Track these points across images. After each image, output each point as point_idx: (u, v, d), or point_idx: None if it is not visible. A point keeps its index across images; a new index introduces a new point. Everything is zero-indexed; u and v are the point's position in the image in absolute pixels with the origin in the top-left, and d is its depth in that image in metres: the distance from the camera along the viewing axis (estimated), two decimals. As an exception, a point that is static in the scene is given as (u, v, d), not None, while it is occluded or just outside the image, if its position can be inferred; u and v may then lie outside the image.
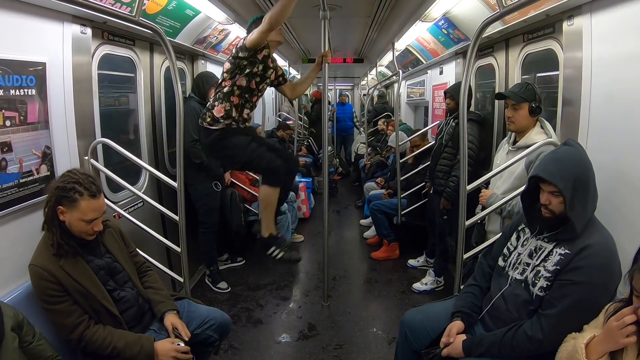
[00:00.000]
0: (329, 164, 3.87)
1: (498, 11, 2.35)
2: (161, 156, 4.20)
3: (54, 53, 2.58)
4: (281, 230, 3.98)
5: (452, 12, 3.97)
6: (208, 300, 4.19)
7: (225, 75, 3.05)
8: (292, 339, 3.58)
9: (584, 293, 1.82)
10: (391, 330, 3.66)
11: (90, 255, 2.23)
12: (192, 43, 4.27)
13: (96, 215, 2.13)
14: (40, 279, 2.02)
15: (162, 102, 4.17)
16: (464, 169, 2.81)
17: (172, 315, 2.43)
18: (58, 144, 2.62)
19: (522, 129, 2.88)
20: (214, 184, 4.31)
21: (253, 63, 3.01)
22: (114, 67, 3.51)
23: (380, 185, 6.27)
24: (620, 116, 2.28)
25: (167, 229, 3.99)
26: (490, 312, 2.22)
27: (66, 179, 2.10)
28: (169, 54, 2.77)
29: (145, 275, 2.59)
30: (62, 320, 2.07)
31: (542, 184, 2.01)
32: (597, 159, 2.05)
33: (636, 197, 2.16)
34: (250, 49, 2.92)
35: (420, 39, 5.48)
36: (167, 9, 3.37)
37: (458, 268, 2.93)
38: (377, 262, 5.28)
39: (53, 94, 2.55)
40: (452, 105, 4.15)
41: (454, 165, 4.01)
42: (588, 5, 2.50)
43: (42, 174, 2.49)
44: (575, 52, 2.66)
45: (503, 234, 2.44)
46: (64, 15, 2.63)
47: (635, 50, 2.18)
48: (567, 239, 1.94)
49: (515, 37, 3.69)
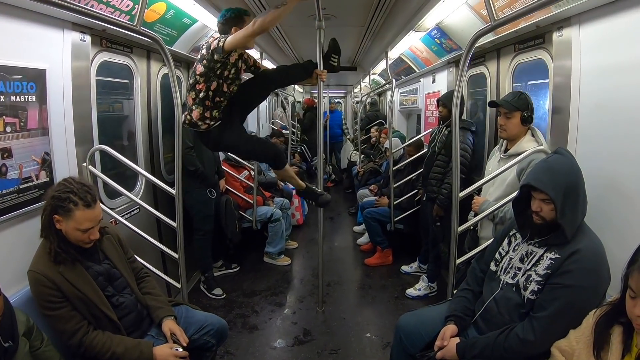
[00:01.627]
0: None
1: (490, 24, 2.40)
2: (157, 163, 4.22)
3: (54, 60, 2.61)
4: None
5: (444, 22, 4.02)
6: (203, 306, 4.13)
7: (199, 79, 2.94)
8: (287, 345, 3.60)
9: (574, 296, 1.87)
10: (385, 335, 3.68)
11: (89, 262, 2.24)
12: (189, 51, 4.29)
13: (92, 224, 2.14)
14: (39, 285, 2.03)
15: (158, 109, 4.18)
16: (457, 176, 2.86)
17: (170, 321, 2.44)
18: (57, 150, 2.64)
19: (513, 137, 2.93)
20: (209, 191, 4.34)
21: (225, 66, 2.93)
22: (112, 74, 3.53)
23: (374, 193, 6.29)
24: (608, 124, 2.34)
25: (163, 236, 3.99)
26: (483, 315, 2.26)
27: (61, 188, 2.11)
28: (168, 63, 2.79)
29: (143, 281, 2.60)
30: (62, 326, 2.08)
31: (534, 191, 2.05)
32: (586, 166, 2.09)
33: (624, 203, 2.21)
34: (227, 51, 2.81)
35: (413, 48, 5.52)
36: (165, 17, 3.40)
37: (451, 273, 2.96)
38: (371, 268, 5.30)
39: (53, 100, 2.58)
40: (444, 113, 4.19)
41: (446, 172, 4.05)
42: (577, 17, 2.56)
43: (42, 180, 2.51)
44: (564, 62, 2.72)
45: (495, 239, 2.48)
46: (64, 23, 2.67)
47: (622, 60, 2.25)
48: (557, 244, 1.99)
49: (507, 47, 3.75)
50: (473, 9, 3.43)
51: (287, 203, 6.12)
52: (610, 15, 2.29)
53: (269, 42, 6.07)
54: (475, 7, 3.37)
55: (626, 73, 2.21)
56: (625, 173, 2.20)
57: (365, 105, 10.13)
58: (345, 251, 6.05)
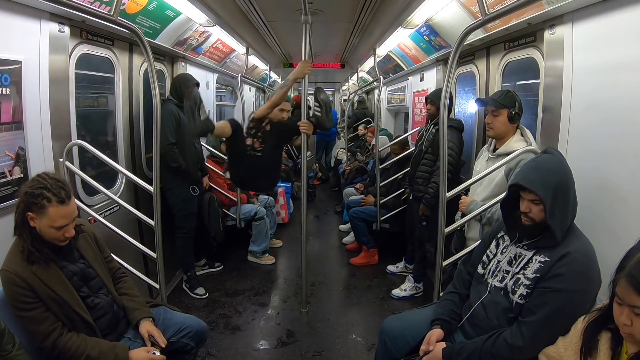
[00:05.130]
0: (308, 169, 3.84)
1: (480, 19, 2.36)
2: (139, 159, 4.13)
3: (30, 51, 2.52)
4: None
5: (434, 19, 3.99)
6: (185, 306, 4.12)
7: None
8: (270, 346, 3.54)
9: (564, 300, 1.82)
10: (370, 336, 3.63)
11: (63, 261, 2.16)
12: (173, 45, 4.20)
13: (66, 221, 2.06)
14: (12, 284, 1.96)
15: (140, 104, 4.09)
16: (444, 176, 2.82)
17: (147, 322, 2.37)
18: (32, 145, 2.56)
19: (501, 136, 2.90)
20: (192, 188, 4.25)
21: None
22: (92, 67, 3.43)
23: (360, 191, 6.26)
24: (600, 124, 2.31)
25: (144, 234, 3.91)
26: (470, 319, 2.21)
27: (35, 184, 2.03)
28: (147, 55, 2.72)
29: (120, 282, 2.53)
30: (35, 328, 2.00)
31: (523, 192, 2.01)
32: (577, 166, 2.07)
33: (616, 204, 2.18)
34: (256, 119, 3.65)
35: (401, 46, 5.50)
36: (148, 9, 3.31)
37: (437, 275, 2.93)
38: (356, 268, 5.27)
39: (28, 93, 2.49)
40: (432, 111, 4.17)
41: (433, 171, 4.01)
42: (570, 14, 2.52)
43: (15, 176, 2.43)
44: (556, 60, 2.69)
45: (482, 241, 2.43)
46: (41, 13, 2.57)
47: (615, 59, 2.21)
48: (547, 247, 1.95)
49: (497, 45, 3.73)
50: (463, 5, 3.39)
51: (272, 201, 6.07)
52: (604, 13, 2.25)
53: (255, 37, 6.01)
54: (466, 3, 3.33)
55: (619, 72, 2.18)
56: (618, 173, 2.17)
57: (352, 103, 10.10)
58: (330, 250, 6.01)
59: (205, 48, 5.11)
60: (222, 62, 6.06)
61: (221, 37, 5.07)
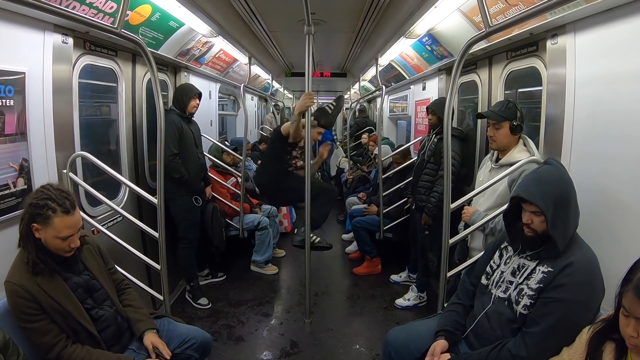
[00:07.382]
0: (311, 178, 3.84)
1: (484, 30, 2.36)
2: (142, 170, 4.13)
3: (34, 62, 2.53)
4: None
5: (436, 29, 4.00)
6: (188, 316, 4.12)
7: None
8: (274, 357, 3.52)
9: (568, 310, 1.82)
10: (374, 347, 3.62)
11: (67, 273, 2.17)
12: (175, 55, 4.22)
13: (71, 232, 2.07)
14: (16, 296, 1.96)
15: (143, 115, 4.10)
16: (448, 187, 2.80)
17: (151, 334, 2.38)
18: (36, 157, 2.56)
19: (504, 148, 2.90)
20: (194, 198, 4.26)
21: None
22: (95, 78, 3.45)
23: (362, 200, 6.25)
24: (603, 132, 2.32)
25: (147, 245, 3.89)
26: (474, 330, 2.21)
27: (39, 195, 2.04)
28: (150, 66, 2.72)
29: (124, 293, 2.53)
30: (39, 339, 2.01)
31: (524, 203, 2.02)
32: (581, 174, 2.08)
33: (621, 213, 2.17)
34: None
35: (403, 55, 5.51)
36: (151, 20, 3.33)
37: (442, 286, 2.91)
38: (360, 277, 5.25)
39: (32, 104, 2.49)
40: (434, 120, 4.17)
41: (435, 181, 4.01)
42: (572, 24, 2.53)
43: (19, 187, 2.42)
44: (558, 70, 2.69)
45: (485, 252, 2.44)
46: (45, 24, 2.58)
47: (618, 68, 2.22)
48: (549, 257, 1.95)
49: (499, 55, 3.73)
50: (465, 16, 3.39)
51: (275, 210, 6.06)
52: (606, 23, 2.26)
53: (257, 47, 6.03)
54: (468, 13, 3.33)
55: (621, 81, 2.18)
56: (621, 182, 2.17)
57: (354, 111, 10.10)
58: (333, 260, 5.97)
59: (208, 58, 5.14)
60: (225, 72, 6.08)
61: (224, 47, 5.09)
